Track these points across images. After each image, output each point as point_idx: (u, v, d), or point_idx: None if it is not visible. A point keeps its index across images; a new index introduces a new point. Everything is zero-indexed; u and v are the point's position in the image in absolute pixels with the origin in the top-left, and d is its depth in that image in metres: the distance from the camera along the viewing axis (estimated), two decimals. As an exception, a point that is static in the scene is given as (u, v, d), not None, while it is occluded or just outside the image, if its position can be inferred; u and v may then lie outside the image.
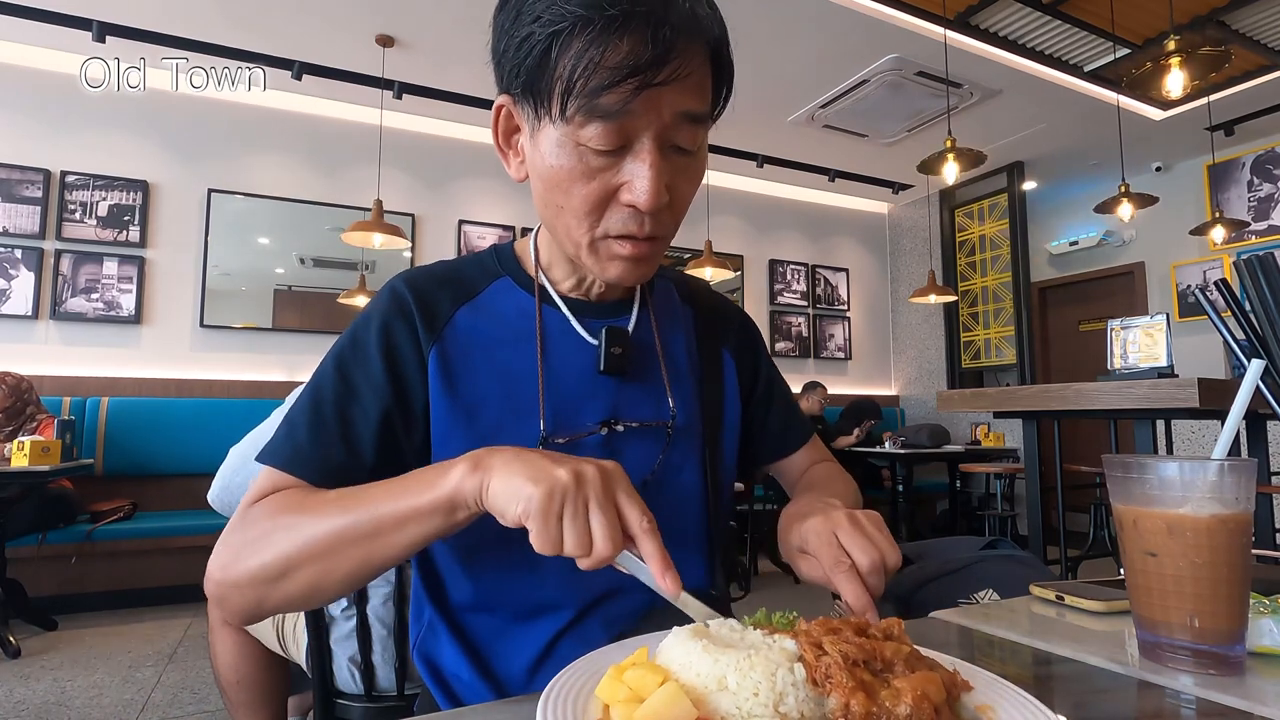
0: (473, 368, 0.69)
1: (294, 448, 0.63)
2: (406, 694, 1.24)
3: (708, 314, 0.85)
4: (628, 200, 0.58)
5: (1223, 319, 0.71)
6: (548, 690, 0.40)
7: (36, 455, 2.84)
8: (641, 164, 0.57)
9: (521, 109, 0.60)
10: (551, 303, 0.74)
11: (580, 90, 0.54)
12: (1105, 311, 5.68)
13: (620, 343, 0.72)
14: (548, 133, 0.58)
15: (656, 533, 0.48)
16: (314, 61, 4.08)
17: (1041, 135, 5.05)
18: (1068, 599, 0.67)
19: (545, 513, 0.46)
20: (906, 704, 0.35)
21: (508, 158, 0.66)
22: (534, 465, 0.49)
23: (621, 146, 0.57)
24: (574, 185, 0.58)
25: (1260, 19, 3.81)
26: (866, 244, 6.64)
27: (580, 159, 0.57)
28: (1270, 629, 0.52)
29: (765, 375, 0.89)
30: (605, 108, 0.54)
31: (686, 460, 0.75)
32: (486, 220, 4.96)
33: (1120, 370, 2.31)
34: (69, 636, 3.04)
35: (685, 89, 0.56)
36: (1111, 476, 0.53)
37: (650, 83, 0.53)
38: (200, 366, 4.16)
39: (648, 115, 0.55)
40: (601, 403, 0.72)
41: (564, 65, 0.54)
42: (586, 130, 0.56)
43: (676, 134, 0.58)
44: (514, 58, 0.57)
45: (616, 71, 0.53)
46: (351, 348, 0.68)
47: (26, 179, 3.86)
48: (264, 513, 0.58)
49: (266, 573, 0.56)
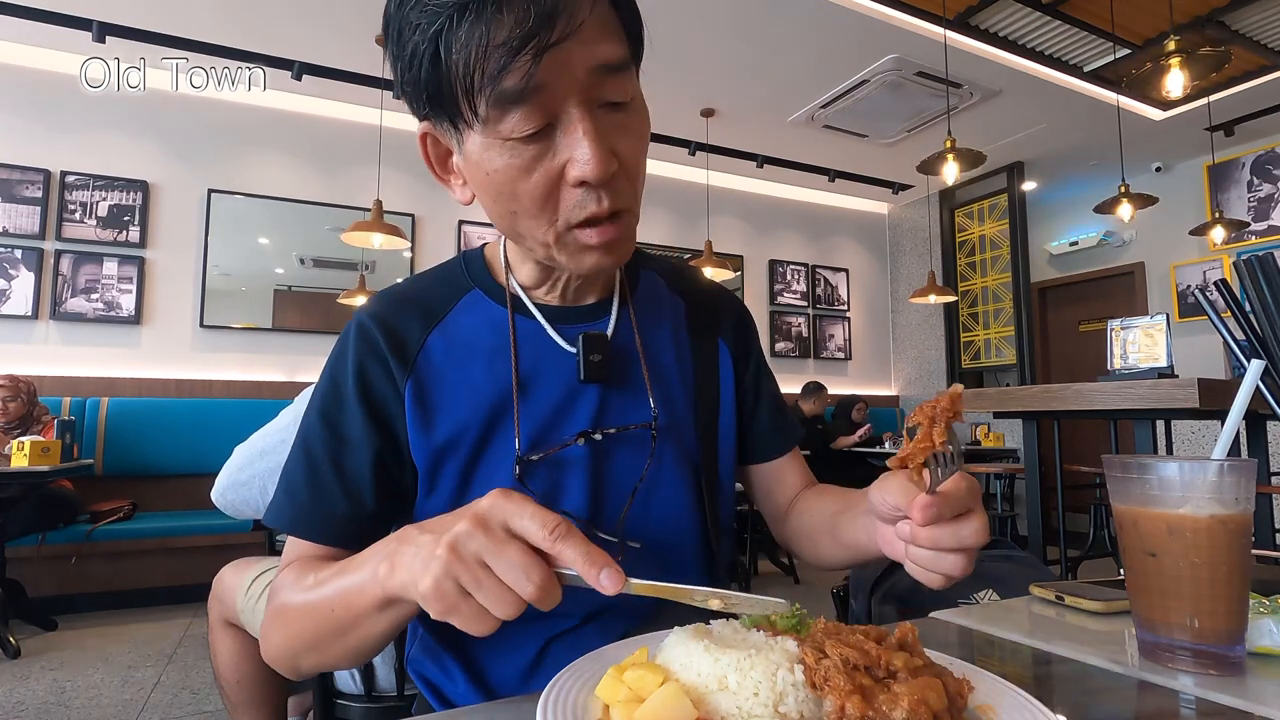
0: (449, 393, 0.67)
1: (296, 508, 0.64)
2: (406, 694, 1.24)
3: (700, 304, 0.81)
4: (575, 177, 0.53)
5: (1223, 319, 0.71)
6: (548, 690, 0.40)
7: (36, 455, 2.84)
8: (574, 134, 0.52)
9: (440, 129, 0.57)
10: (525, 311, 0.70)
11: (480, 82, 0.50)
12: (1105, 312, 5.67)
13: (599, 349, 0.69)
14: (473, 142, 0.55)
15: (568, 534, 0.42)
16: (314, 61, 4.07)
17: (1041, 135, 5.04)
18: (1068, 599, 0.67)
19: (448, 603, 0.42)
20: (903, 709, 0.35)
21: (449, 184, 0.62)
22: (414, 554, 0.44)
23: (548, 124, 0.52)
24: (517, 185, 0.55)
25: (1260, 19, 3.81)
26: (866, 244, 6.64)
27: (512, 155, 0.53)
28: (1270, 629, 0.52)
29: (754, 367, 0.83)
30: (512, 90, 0.50)
31: (677, 462, 0.72)
32: (486, 220, 4.93)
33: (1120, 370, 2.31)
34: (69, 637, 3.03)
35: (589, 39, 0.51)
36: (1111, 477, 0.53)
37: (547, 44, 0.49)
38: (200, 367, 4.16)
39: (560, 81, 0.51)
40: (584, 412, 0.69)
41: (455, 63, 0.50)
42: (506, 122, 0.51)
43: (601, 90, 0.53)
44: (410, 77, 0.53)
45: (507, 47, 0.48)
46: (333, 397, 0.66)
47: (26, 179, 3.86)
48: (275, 593, 0.61)
49: (282, 657, 0.60)
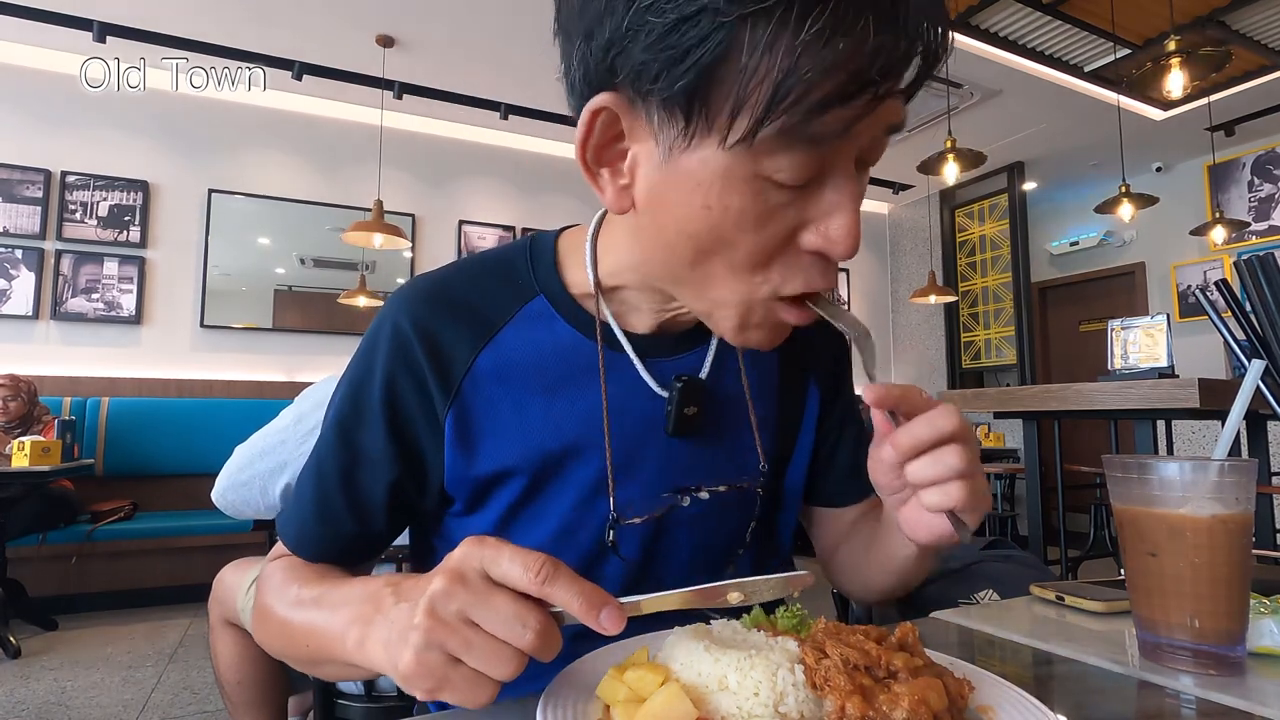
0: (498, 428, 0.57)
1: (301, 527, 0.59)
2: (406, 694, 1.24)
3: (797, 338, 0.69)
4: (815, 245, 0.43)
5: (1223, 319, 0.70)
6: (548, 690, 0.40)
7: (37, 455, 2.84)
8: (840, 197, 0.42)
9: (650, 118, 0.42)
10: (609, 338, 0.58)
11: (794, 105, 0.37)
12: (1105, 312, 5.67)
13: (695, 399, 0.57)
14: (704, 157, 0.41)
15: (556, 574, 0.36)
16: (314, 61, 4.07)
17: (1041, 135, 5.04)
18: (1068, 599, 0.67)
19: (436, 678, 0.37)
20: (904, 709, 0.35)
21: (599, 179, 0.46)
22: (388, 629, 0.40)
23: (818, 176, 0.41)
24: (742, 233, 0.42)
25: (1261, 19, 3.81)
26: (867, 244, 6.63)
27: (758, 196, 0.41)
28: (1271, 629, 0.52)
29: (844, 403, 0.72)
30: (824, 131, 0.38)
31: (783, 522, 0.65)
32: (487, 220, 4.95)
33: (1120, 370, 2.31)
34: (69, 636, 3.03)
35: (901, 96, 0.41)
36: (1112, 477, 0.53)
37: (891, 91, 0.39)
38: (200, 367, 4.16)
39: (862, 133, 0.40)
40: (673, 465, 0.58)
41: (767, 65, 0.36)
42: (777, 159, 0.39)
43: (871, 150, 0.43)
44: (663, 46, 0.38)
45: (856, 78, 0.37)
46: (354, 407, 0.58)
47: (27, 179, 3.86)
48: (262, 586, 0.59)
49: (269, 650, 0.58)
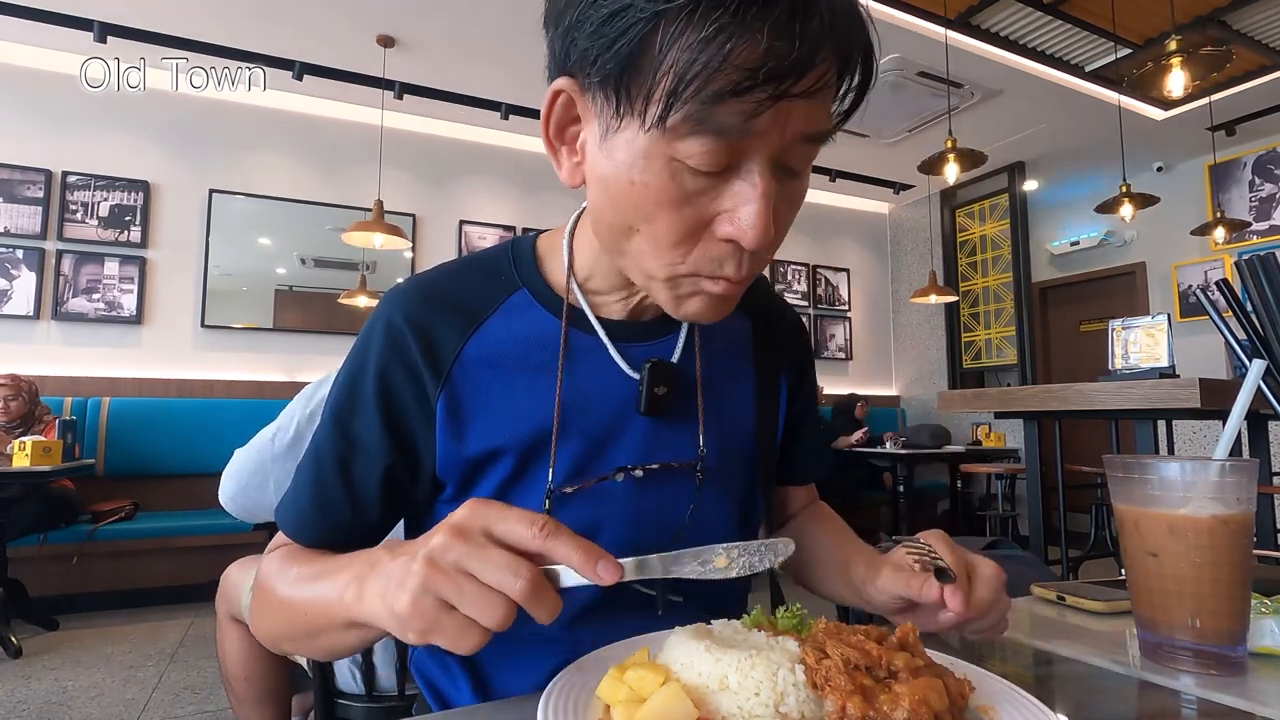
0: (486, 410, 0.61)
1: (299, 513, 0.62)
2: (407, 694, 1.24)
3: (767, 327, 0.73)
4: (727, 234, 0.47)
5: (1224, 319, 0.70)
6: (548, 690, 0.40)
7: (38, 455, 2.84)
8: (749, 192, 0.45)
9: (593, 101, 0.47)
10: (584, 325, 0.62)
11: (695, 94, 0.41)
12: (1106, 312, 5.66)
13: (665, 380, 0.61)
14: (629, 138, 0.45)
15: (557, 531, 0.39)
16: (314, 61, 4.07)
17: (1042, 135, 5.04)
18: (1069, 599, 0.67)
19: (428, 620, 0.39)
20: (904, 709, 0.35)
21: (559, 156, 0.52)
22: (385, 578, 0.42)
23: (727, 167, 0.45)
24: (660, 210, 0.47)
25: (1261, 19, 3.81)
26: (867, 244, 6.64)
27: (673, 178, 0.45)
28: (1271, 629, 0.52)
29: (807, 391, 0.77)
30: (723, 121, 0.42)
31: (722, 503, 0.66)
32: (487, 220, 4.96)
33: (1121, 370, 2.31)
34: (70, 636, 3.03)
35: (816, 104, 0.44)
36: (1113, 477, 0.53)
37: (786, 92, 0.41)
38: (201, 367, 4.16)
39: (768, 133, 0.44)
40: (632, 442, 0.62)
41: (675, 57, 0.41)
42: (688, 144, 0.44)
43: (790, 155, 0.46)
44: (598, 35, 0.43)
45: (749, 75, 0.40)
46: (350, 399, 0.61)
47: (28, 179, 3.86)
48: (261, 571, 0.61)
49: (264, 637, 0.60)
